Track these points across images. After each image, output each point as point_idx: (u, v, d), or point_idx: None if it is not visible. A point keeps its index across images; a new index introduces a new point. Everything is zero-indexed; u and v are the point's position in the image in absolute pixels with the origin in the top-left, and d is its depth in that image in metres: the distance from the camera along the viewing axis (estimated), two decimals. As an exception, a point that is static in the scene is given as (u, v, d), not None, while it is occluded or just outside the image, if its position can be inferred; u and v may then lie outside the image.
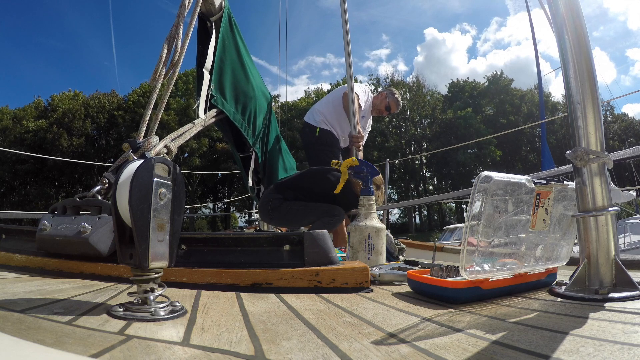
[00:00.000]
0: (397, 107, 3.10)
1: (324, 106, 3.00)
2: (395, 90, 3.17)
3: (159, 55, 1.53)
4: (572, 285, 0.90)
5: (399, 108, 3.13)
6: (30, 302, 0.70)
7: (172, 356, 0.48)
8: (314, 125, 2.90)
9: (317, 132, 2.85)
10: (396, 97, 3.08)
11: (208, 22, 2.34)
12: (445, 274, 0.95)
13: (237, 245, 1.12)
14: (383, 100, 3.07)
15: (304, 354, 0.51)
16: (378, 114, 3.15)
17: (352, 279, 1.02)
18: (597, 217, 0.90)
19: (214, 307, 0.77)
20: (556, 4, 0.97)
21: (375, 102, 3.08)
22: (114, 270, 1.03)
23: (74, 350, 0.47)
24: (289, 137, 9.73)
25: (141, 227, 0.65)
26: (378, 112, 3.11)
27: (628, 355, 0.49)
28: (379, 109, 3.09)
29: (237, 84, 2.38)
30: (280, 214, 2.33)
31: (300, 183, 2.39)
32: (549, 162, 8.82)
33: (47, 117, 28.43)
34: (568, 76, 0.96)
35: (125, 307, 0.67)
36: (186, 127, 1.73)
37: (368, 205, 1.57)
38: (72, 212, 1.12)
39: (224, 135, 2.79)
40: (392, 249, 1.86)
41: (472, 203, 0.83)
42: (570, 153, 0.94)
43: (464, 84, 35.48)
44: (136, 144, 1.32)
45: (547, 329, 0.61)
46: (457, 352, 0.52)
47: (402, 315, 0.75)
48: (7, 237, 1.33)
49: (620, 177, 18.51)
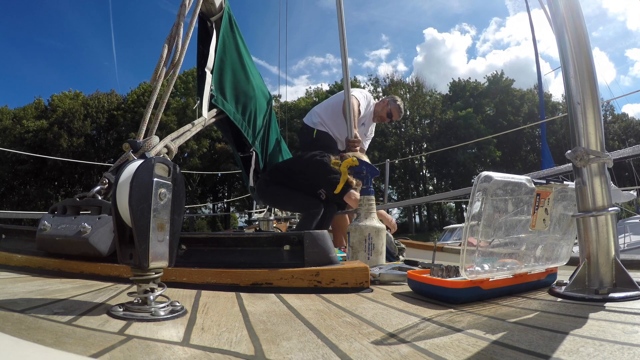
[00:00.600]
0: (400, 114, 3.10)
1: (323, 109, 3.02)
2: (397, 97, 3.17)
3: (160, 55, 1.53)
4: (572, 285, 0.90)
5: (401, 115, 3.12)
6: (30, 302, 0.70)
7: (172, 356, 0.48)
8: (312, 127, 2.91)
9: (314, 133, 2.86)
10: (398, 105, 3.08)
11: (208, 22, 2.34)
12: (445, 274, 0.95)
13: (237, 245, 1.12)
14: (385, 107, 3.07)
15: (304, 354, 0.51)
16: (379, 120, 3.15)
17: (352, 279, 1.02)
18: (597, 217, 0.90)
19: (214, 307, 0.77)
20: (556, 4, 0.97)
21: (377, 109, 3.09)
22: (114, 270, 1.03)
23: (74, 350, 0.47)
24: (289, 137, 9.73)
25: (141, 227, 0.65)
26: (379, 119, 3.11)
27: (628, 355, 0.49)
28: (380, 116, 3.08)
29: (237, 84, 2.38)
30: (266, 196, 2.55)
31: (293, 167, 2.49)
32: (549, 162, 8.83)
33: (47, 117, 28.44)
34: (568, 76, 0.96)
35: (125, 307, 0.67)
36: (186, 127, 1.72)
37: (368, 205, 1.57)
38: (72, 212, 1.12)
39: (225, 135, 2.79)
40: (392, 249, 1.86)
41: (472, 203, 0.83)
42: (570, 153, 0.94)
43: (465, 83, 35.48)
44: (136, 144, 1.32)
45: (547, 329, 0.61)
46: (457, 352, 0.52)
47: (402, 315, 0.75)
48: (7, 237, 1.33)
49: (620, 177, 18.51)
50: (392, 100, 3.09)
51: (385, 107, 3.07)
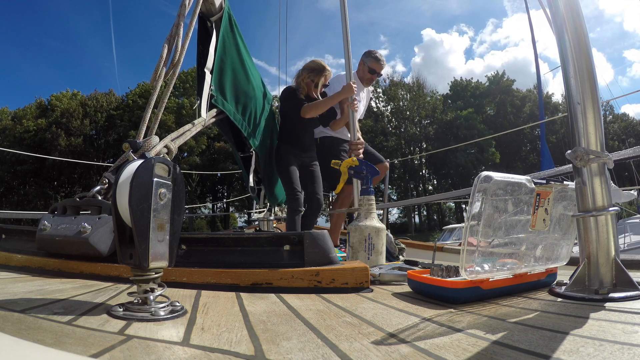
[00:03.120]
0: (380, 65, 2.92)
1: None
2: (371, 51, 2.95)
3: (160, 55, 1.53)
4: (572, 285, 0.90)
5: (382, 65, 2.94)
6: (30, 302, 0.70)
7: (172, 356, 0.48)
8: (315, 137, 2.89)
9: (317, 141, 2.84)
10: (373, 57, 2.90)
11: (208, 22, 2.33)
12: (445, 274, 0.95)
13: (237, 245, 1.12)
14: (363, 68, 2.92)
15: (304, 354, 0.51)
16: (369, 82, 2.99)
17: (352, 279, 1.02)
18: (597, 217, 0.90)
19: (214, 307, 0.77)
20: (556, 4, 0.97)
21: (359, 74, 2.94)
22: (114, 270, 1.03)
23: (74, 350, 0.47)
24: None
25: (141, 227, 0.65)
26: (368, 81, 2.97)
27: (628, 355, 0.49)
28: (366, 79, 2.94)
29: (237, 84, 2.38)
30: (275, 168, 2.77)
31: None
32: (549, 162, 8.83)
33: (46, 116, 28.42)
34: (568, 76, 0.96)
35: (125, 307, 0.67)
36: (186, 127, 1.72)
37: (368, 205, 1.57)
38: (72, 212, 1.12)
39: (225, 135, 2.79)
40: (392, 249, 1.87)
41: (472, 203, 0.83)
42: (570, 153, 0.94)
43: (467, 83, 35.46)
44: (136, 144, 1.32)
45: (547, 329, 0.61)
46: (457, 352, 0.52)
47: (402, 315, 0.75)
48: (7, 237, 1.33)
49: (620, 177, 18.51)
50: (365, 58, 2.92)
51: (364, 68, 2.92)
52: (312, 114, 2.53)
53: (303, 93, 2.64)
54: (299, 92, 2.64)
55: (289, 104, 2.62)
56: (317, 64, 2.67)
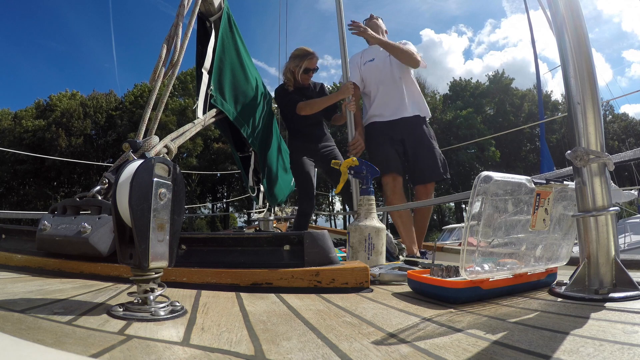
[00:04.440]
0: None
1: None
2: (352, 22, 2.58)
3: (159, 55, 1.53)
4: (572, 285, 0.90)
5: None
6: (30, 302, 0.70)
7: (172, 356, 0.48)
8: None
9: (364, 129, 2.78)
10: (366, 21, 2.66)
11: (207, 22, 2.34)
12: (445, 274, 0.95)
13: (237, 245, 1.12)
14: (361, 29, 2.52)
15: (304, 354, 0.51)
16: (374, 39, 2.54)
17: (352, 279, 1.02)
18: (597, 217, 0.90)
19: (214, 307, 0.77)
20: (556, 4, 0.97)
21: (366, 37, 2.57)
22: (114, 270, 1.03)
23: (74, 350, 0.47)
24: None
25: (141, 227, 0.65)
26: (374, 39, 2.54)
27: (628, 355, 0.49)
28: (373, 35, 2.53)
29: (236, 84, 2.39)
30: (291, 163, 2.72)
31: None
32: (548, 162, 8.83)
33: (45, 116, 28.40)
34: (568, 76, 0.96)
35: (125, 307, 0.67)
36: (186, 127, 1.72)
37: (368, 205, 1.57)
38: (72, 212, 1.12)
39: (224, 135, 2.79)
40: (392, 249, 1.87)
41: (472, 203, 0.83)
42: (570, 153, 0.94)
43: (466, 83, 35.45)
44: (136, 144, 1.32)
45: (547, 329, 0.61)
46: (457, 352, 0.52)
47: (402, 315, 0.75)
48: (7, 237, 1.33)
49: (620, 177, 18.53)
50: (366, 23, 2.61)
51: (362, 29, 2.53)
52: (307, 112, 2.52)
53: (290, 84, 2.62)
54: (286, 85, 2.62)
55: (284, 101, 2.63)
56: (300, 50, 2.64)
